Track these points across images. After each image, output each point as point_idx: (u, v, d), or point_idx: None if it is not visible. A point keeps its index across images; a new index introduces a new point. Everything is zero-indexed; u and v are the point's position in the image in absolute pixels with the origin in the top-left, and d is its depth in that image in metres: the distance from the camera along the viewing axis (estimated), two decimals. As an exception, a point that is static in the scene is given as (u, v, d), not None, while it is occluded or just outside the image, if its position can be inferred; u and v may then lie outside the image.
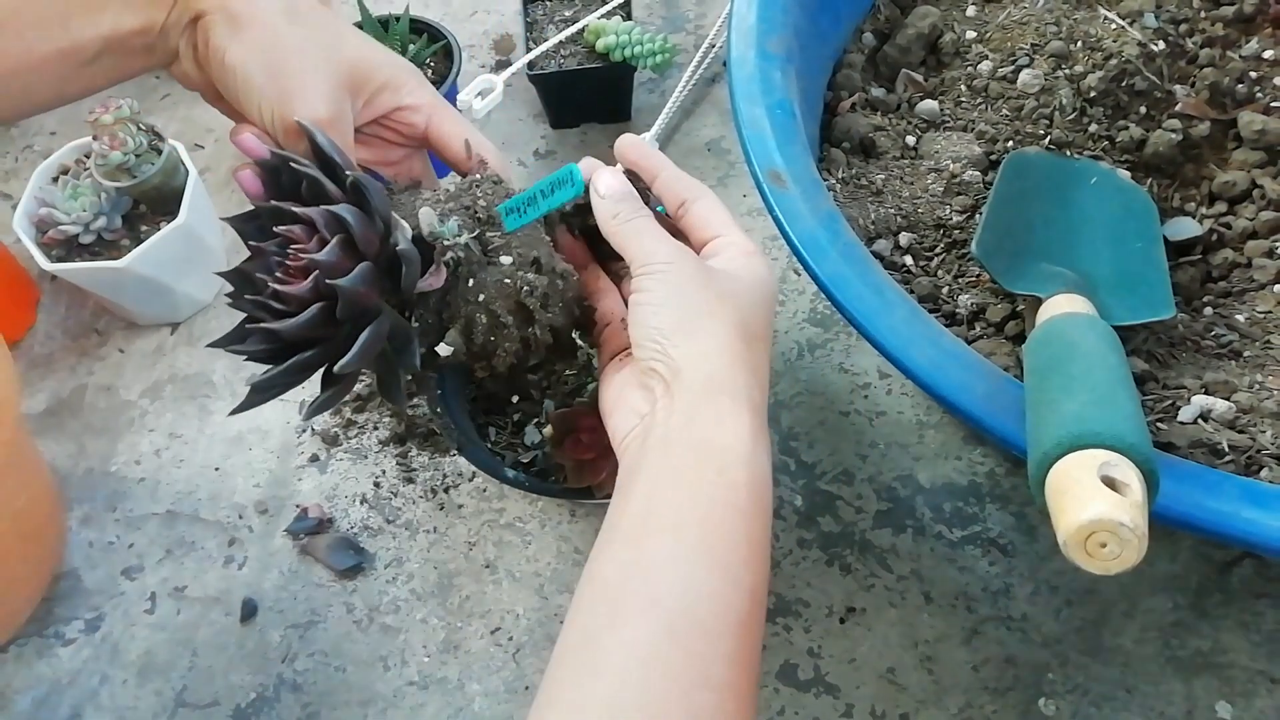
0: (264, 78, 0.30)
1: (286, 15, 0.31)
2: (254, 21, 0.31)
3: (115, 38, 0.31)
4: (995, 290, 0.43)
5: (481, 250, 0.31)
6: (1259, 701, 0.40)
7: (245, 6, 0.31)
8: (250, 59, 0.30)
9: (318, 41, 0.31)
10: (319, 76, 0.31)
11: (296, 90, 0.31)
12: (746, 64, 0.43)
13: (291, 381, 0.29)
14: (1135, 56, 0.47)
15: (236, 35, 0.30)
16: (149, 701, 0.43)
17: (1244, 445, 0.36)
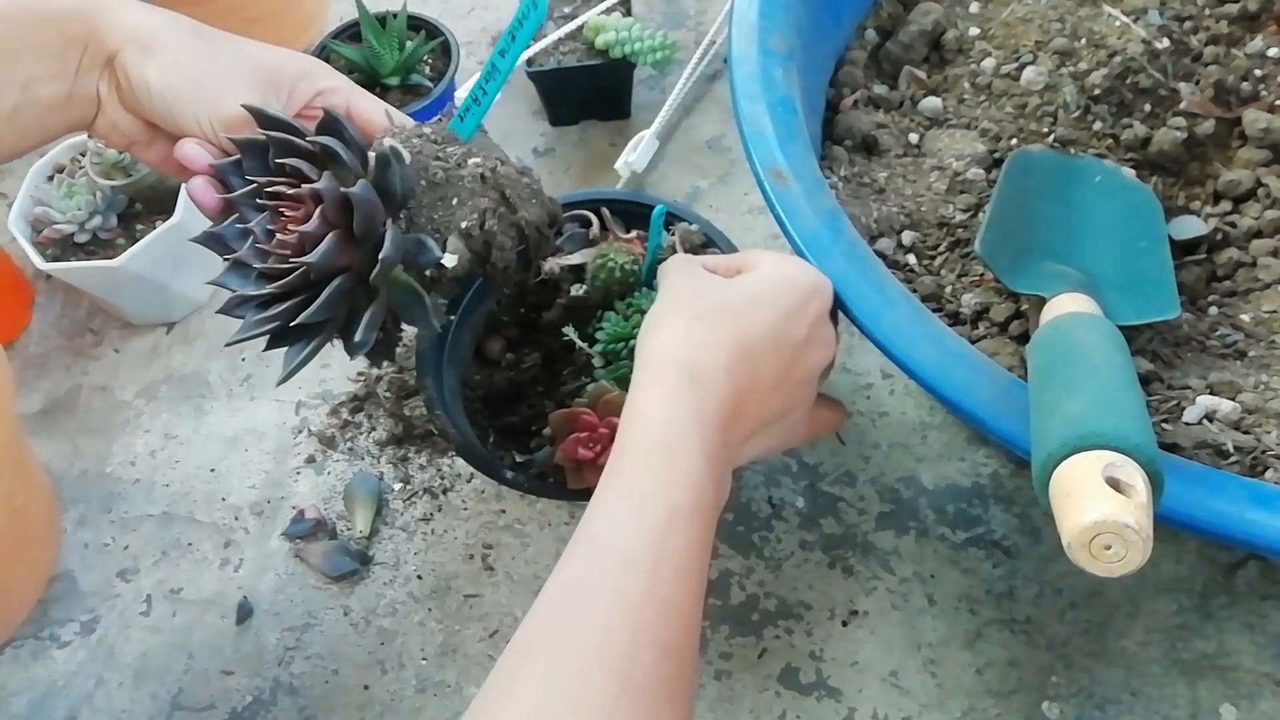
0: (191, 88, 0.32)
1: (193, 34, 0.33)
2: (167, 44, 0.32)
3: (30, 89, 0.31)
4: (999, 289, 0.43)
5: (445, 166, 0.32)
6: (1264, 704, 0.40)
7: (155, 34, 0.32)
8: (173, 75, 0.31)
9: (229, 49, 0.33)
10: (240, 74, 0.33)
11: (225, 89, 0.32)
12: (748, 61, 0.43)
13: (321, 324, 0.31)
14: (1139, 54, 0.47)
15: (154, 59, 0.31)
16: (144, 704, 0.43)
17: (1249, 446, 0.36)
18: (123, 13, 0.32)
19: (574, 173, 0.59)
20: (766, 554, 0.45)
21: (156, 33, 0.32)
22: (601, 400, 0.38)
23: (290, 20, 0.64)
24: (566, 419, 0.39)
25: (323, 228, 0.30)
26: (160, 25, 0.32)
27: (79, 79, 0.32)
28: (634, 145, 0.56)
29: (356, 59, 0.54)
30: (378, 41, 0.53)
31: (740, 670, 0.42)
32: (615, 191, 0.50)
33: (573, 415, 0.38)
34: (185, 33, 0.32)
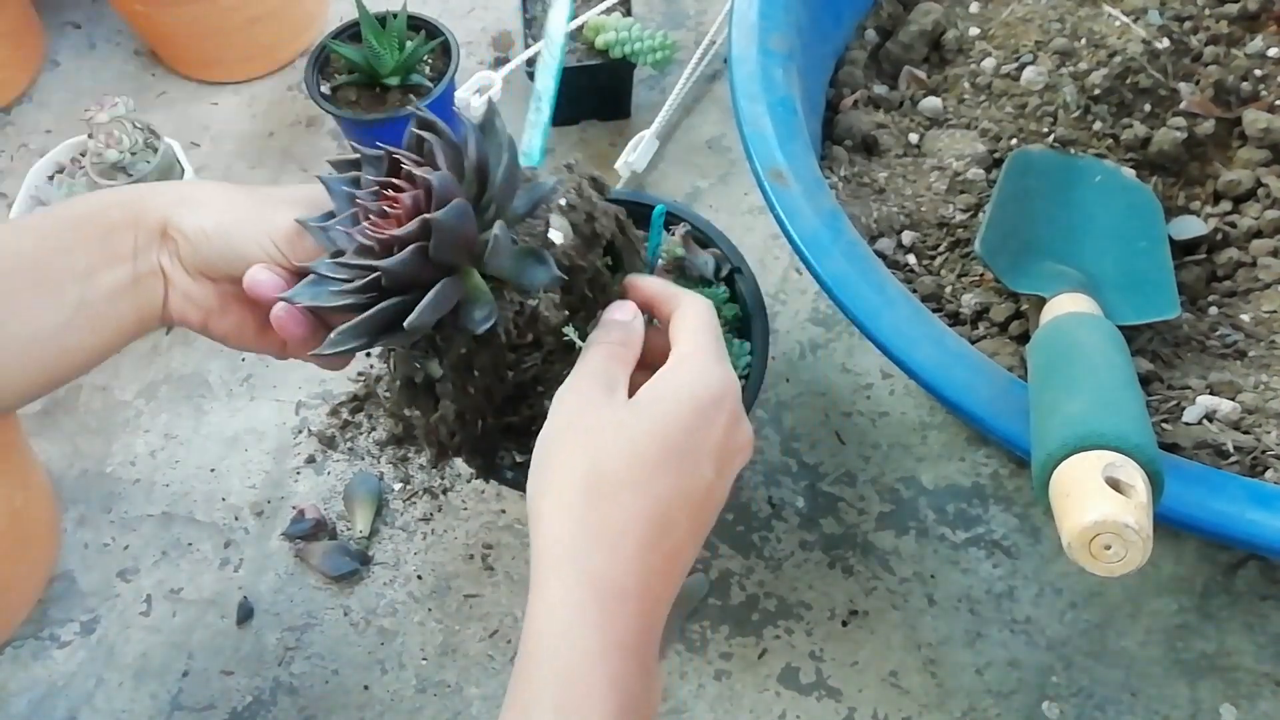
0: (244, 222, 0.32)
1: (229, 187, 0.34)
2: (211, 197, 0.33)
3: (92, 279, 0.31)
4: (999, 289, 0.43)
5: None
6: (1263, 704, 0.40)
7: (195, 193, 0.33)
8: (225, 216, 0.32)
9: (265, 190, 0.34)
10: (284, 201, 0.33)
11: (275, 212, 0.32)
12: (748, 61, 0.43)
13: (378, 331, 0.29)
14: (1139, 54, 0.47)
15: (204, 209, 0.32)
16: (144, 704, 0.43)
17: (1249, 446, 0.36)
18: (164, 188, 0.33)
19: (574, 173, 0.59)
20: (766, 554, 0.45)
21: (196, 192, 0.33)
22: None
23: (290, 20, 0.64)
24: None
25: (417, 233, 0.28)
26: (197, 186, 0.33)
27: (139, 260, 0.31)
28: (634, 145, 0.56)
29: (356, 59, 0.54)
30: (378, 41, 0.53)
31: (740, 670, 0.42)
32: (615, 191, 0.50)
33: None
34: (222, 187, 0.33)
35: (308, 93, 0.55)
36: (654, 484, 0.26)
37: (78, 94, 0.65)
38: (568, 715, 0.23)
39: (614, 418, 0.27)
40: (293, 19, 0.64)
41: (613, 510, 0.25)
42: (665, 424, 0.26)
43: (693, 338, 0.29)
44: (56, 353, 0.31)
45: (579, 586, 0.24)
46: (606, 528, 0.25)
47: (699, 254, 0.43)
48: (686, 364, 0.28)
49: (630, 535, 0.25)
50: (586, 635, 0.24)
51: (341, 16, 0.66)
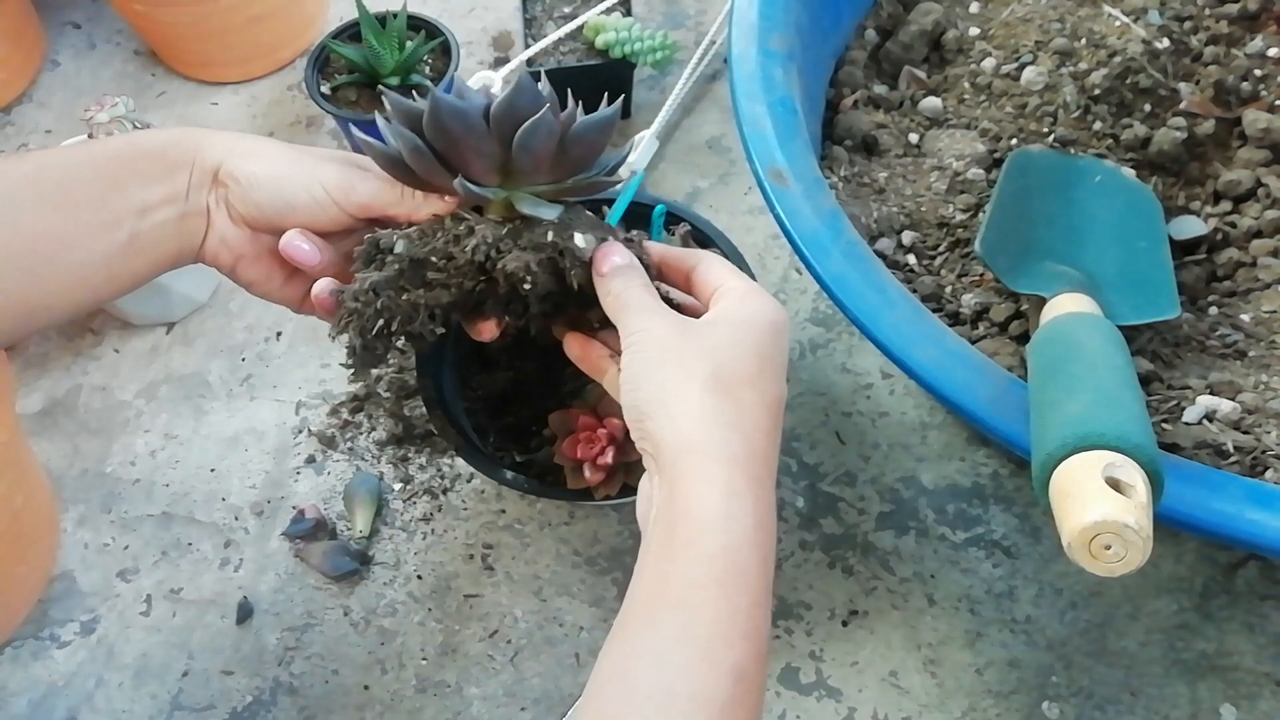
0: (294, 170, 0.33)
1: (277, 142, 0.35)
2: (263, 148, 0.34)
3: (146, 215, 0.32)
4: (999, 289, 0.43)
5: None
6: (1264, 704, 0.40)
7: (249, 145, 0.34)
8: (276, 166, 0.33)
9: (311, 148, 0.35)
10: (329, 157, 0.34)
11: (323, 165, 0.33)
12: (748, 61, 0.43)
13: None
14: (1139, 54, 0.47)
15: (257, 159, 0.33)
16: (145, 704, 0.43)
17: (1249, 446, 0.36)
18: (218, 135, 0.34)
19: (574, 173, 0.59)
20: (766, 554, 0.45)
21: (250, 144, 0.34)
22: (601, 400, 0.38)
23: (290, 20, 0.64)
24: (566, 419, 0.39)
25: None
26: (249, 138, 0.35)
27: (190, 199, 0.33)
28: (634, 145, 0.56)
29: (356, 59, 0.54)
30: (378, 42, 0.53)
31: (740, 670, 0.42)
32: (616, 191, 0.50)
33: (572, 415, 0.38)
34: (272, 141, 0.35)
35: (308, 93, 0.55)
36: (762, 383, 0.29)
37: (78, 94, 0.65)
38: (728, 588, 0.25)
39: (715, 333, 0.29)
40: (293, 19, 0.64)
41: (741, 404, 0.28)
42: (759, 336, 0.29)
43: (737, 278, 0.31)
44: (105, 279, 0.32)
45: (729, 471, 0.26)
46: (741, 419, 0.28)
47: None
48: (752, 294, 0.31)
49: (759, 426, 0.28)
50: (743, 515, 0.26)
51: (341, 17, 0.66)
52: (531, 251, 0.30)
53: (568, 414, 0.39)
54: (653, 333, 0.29)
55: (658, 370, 0.28)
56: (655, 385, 0.28)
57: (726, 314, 0.30)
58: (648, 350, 0.29)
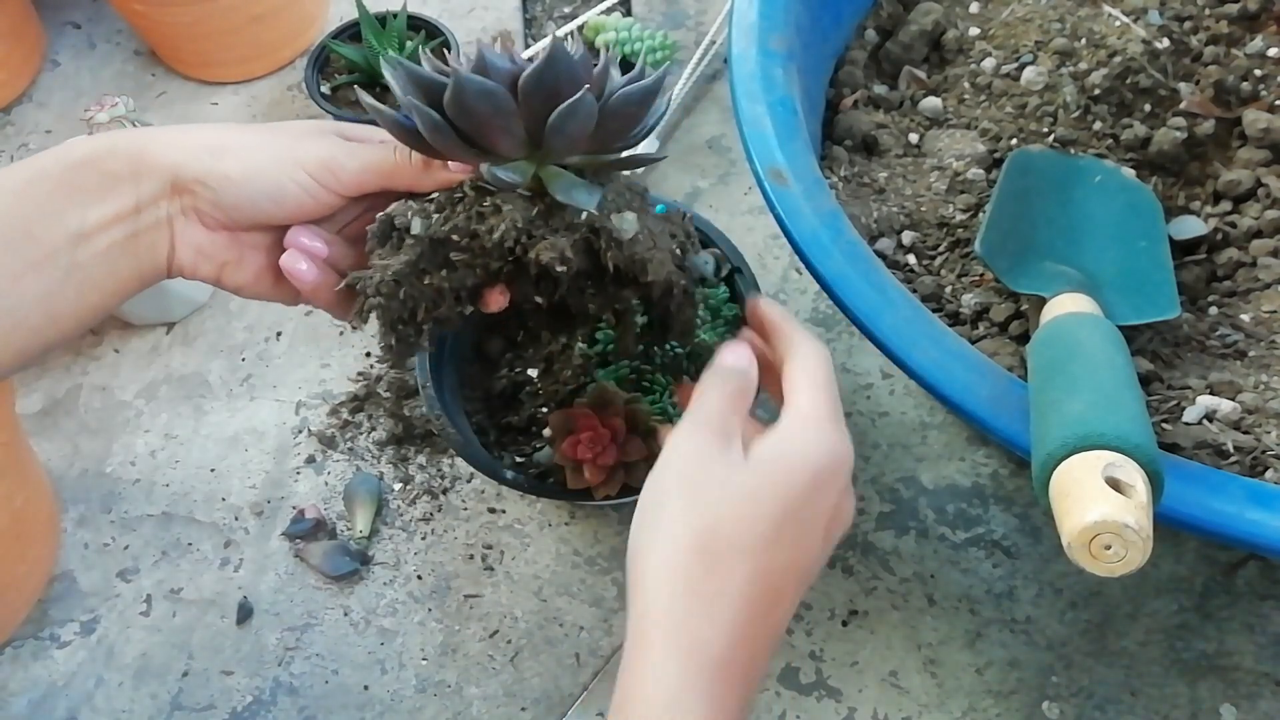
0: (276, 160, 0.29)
1: (245, 127, 0.31)
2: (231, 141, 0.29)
3: (83, 236, 0.28)
4: (999, 289, 0.43)
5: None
6: (1263, 704, 0.40)
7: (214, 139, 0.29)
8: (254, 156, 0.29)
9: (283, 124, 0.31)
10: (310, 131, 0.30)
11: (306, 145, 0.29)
12: (748, 61, 0.43)
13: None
14: (1139, 54, 0.47)
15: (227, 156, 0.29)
16: (144, 704, 0.43)
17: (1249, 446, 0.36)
18: (168, 134, 0.29)
19: (574, 173, 0.59)
20: (766, 554, 0.45)
21: (211, 137, 0.30)
22: (601, 401, 0.38)
23: (290, 20, 0.64)
24: (566, 419, 0.39)
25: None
26: (210, 130, 0.30)
27: (143, 215, 0.28)
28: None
29: (356, 59, 0.54)
30: (378, 41, 0.53)
31: (740, 670, 0.42)
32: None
33: (572, 415, 0.38)
34: (236, 129, 0.30)
35: (308, 93, 0.55)
36: (769, 553, 0.25)
37: (78, 94, 0.65)
38: (644, 646, 0.23)
39: (733, 477, 0.25)
40: (293, 19, 0.64)
41: (726, 577, 0.24)
42: (787, 489, 0.25)
43: (812, 394, 0.27)
44: (43, 320, 0.28)
45: (689, 658, 0.23)
46: (720, 596, 0.24)
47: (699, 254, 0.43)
48: (808, 426, 0.26)
49: (742, 607, 0.24)
50: (695, 710, 0.23)
51: (341, 17, 0.66)
52: (565, 234, 0.28)
53: (568, 414, 0.39)
54: (680, 451, 0.26)
55: (658, 506, 0.25)
56: (648, 528, 0.25)
57: (773, 450, 0.26)
58: (665, 473, 0.26)
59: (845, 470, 0.27)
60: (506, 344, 0.47)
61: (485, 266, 0.29)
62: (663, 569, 0.24)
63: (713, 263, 0.44)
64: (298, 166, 0.29)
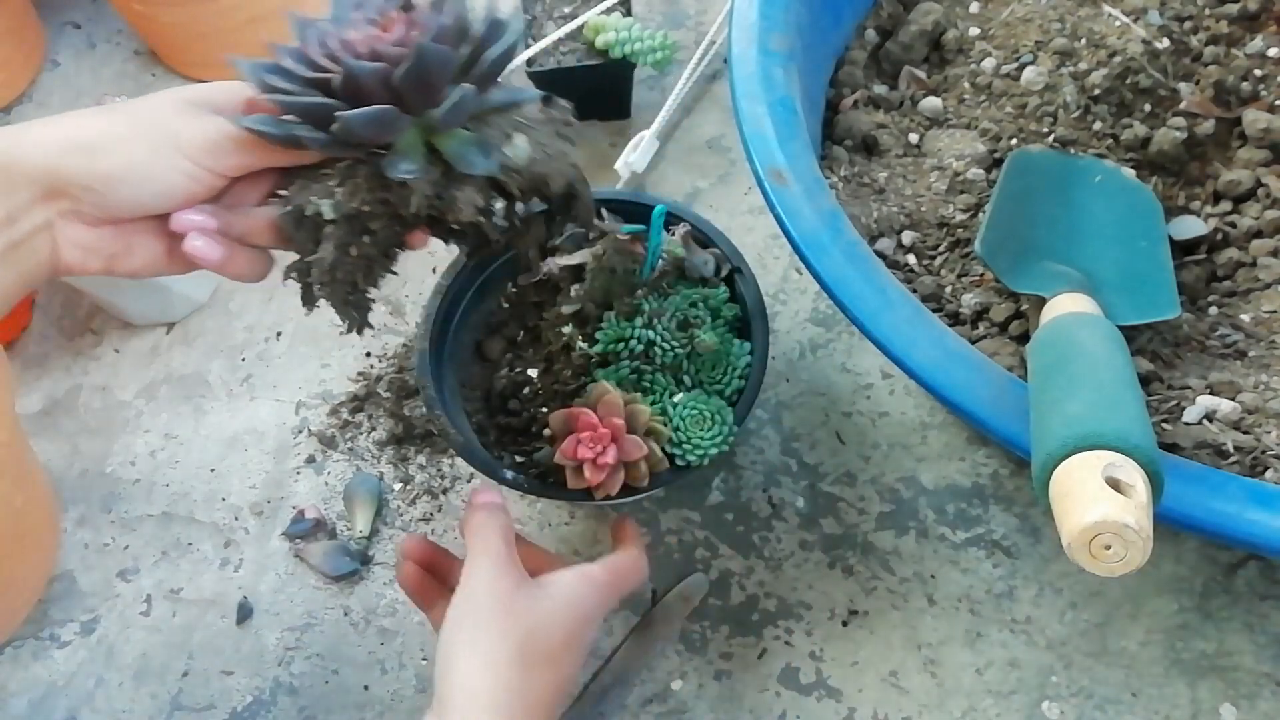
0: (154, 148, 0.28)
1: (110, 110, 0.29)
2: (101, 131, 0.28)
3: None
4: (999, 289, 0.43)
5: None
6: (1264, 704, 0.40)
7: (84, 132, 0.28)
8: (131, 148, 0.28)
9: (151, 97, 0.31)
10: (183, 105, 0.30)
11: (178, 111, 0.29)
12: (748, 61, 0.43)
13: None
14: (1139, 54, 0.47)
15: (102, 154, 0.28)
16: (144, 704, 0.43)
17: (1249, 446, 0.36)
18: (38, 133, 0.28)
19: (574, 173, 0.59)
20: (766, 554, 0.45)
21: (80, 131, 0.28)
22: (601, 401, 0.38)
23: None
24: (566, 419, 0.39)
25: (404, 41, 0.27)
26: (77, 123, 0.28)
27: (18, 224, 0.27)
28: (634, 145, 0.56)
29: (356, 59, 0.54)
30: (378, 41, 0.53)
31: (740, 670, 0.42)
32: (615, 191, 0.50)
33: (573, 415, 0.38)
34: (106, 116, 0.29)
35: (308, 93, 0.55)
36: (565, 661, 0.32)
37: (78, 94, 0.65)
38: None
39: (539, 602, 0.32)
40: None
41: (537, 679, 0.31)
42: (580, 612, 0.33)
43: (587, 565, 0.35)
44: None
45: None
46: (530, 692, 0.30)
47: (699, 254, 0.43)
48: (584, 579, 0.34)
49: (545, 703, 0.31)
50: None
51: (341, 16, 0.66)
52: (470, 185, 0.29)
53: (568, 414, 0.39)
54: (483, 578, 0.32)
55: (476, 618, 0.31)
56: (467, 632, 0.31)
57: (559, 587, 0.33)
58: (474, 599, 0.31)
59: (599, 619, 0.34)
60: (507, 344, 0.47)
61: (403, 221, 0.30)
62: (483, 668, 0.30)
63: (712, 263, 0.44)
64: (179, 155, 0.28)
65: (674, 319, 0.41)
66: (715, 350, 0.40)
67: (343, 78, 0.27)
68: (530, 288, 0.46)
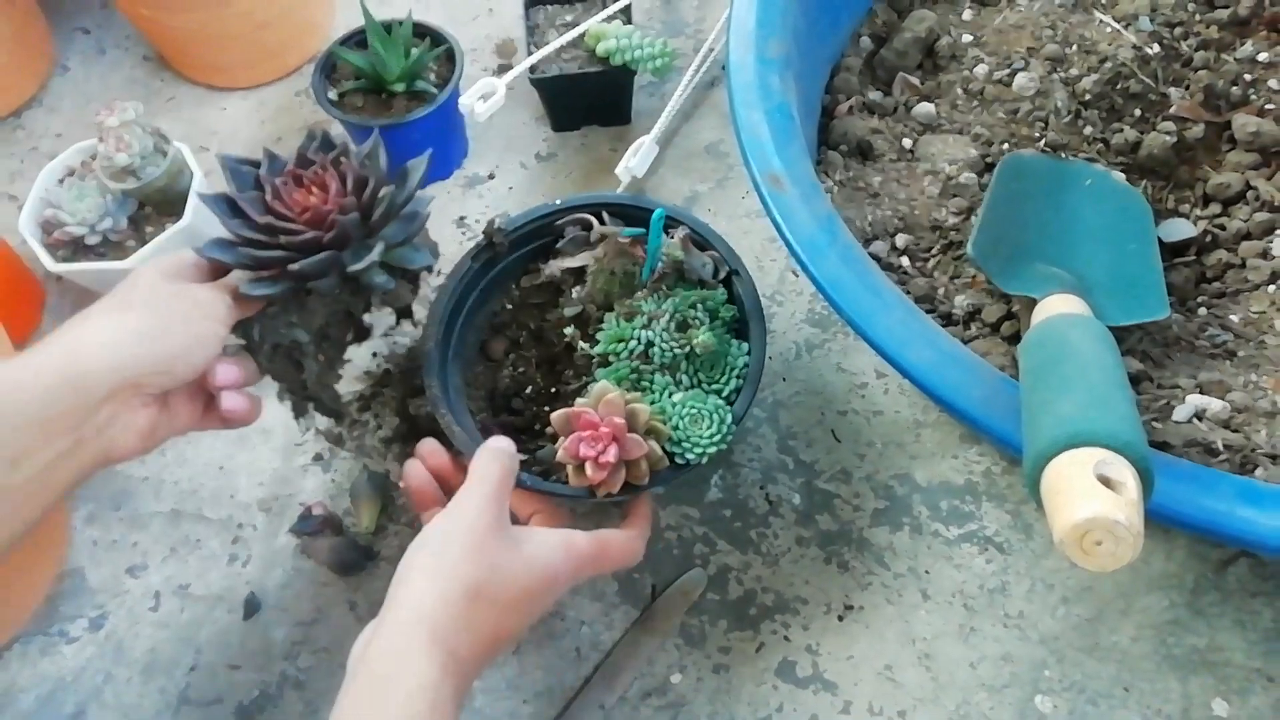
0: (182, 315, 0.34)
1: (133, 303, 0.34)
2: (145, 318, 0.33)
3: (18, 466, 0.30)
4: (991, 291, 0.43)
5: None
6: (1254, 699, 0.40)
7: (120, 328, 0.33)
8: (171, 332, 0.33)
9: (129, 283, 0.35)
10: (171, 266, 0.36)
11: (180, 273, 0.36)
12: (745, 68, 0.43)
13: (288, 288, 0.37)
14: (1130, 59, 0.47)
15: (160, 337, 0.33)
16: (153, 699, 0.44)
17: (1238, 444, 0.36)
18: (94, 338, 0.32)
19: (575, 177, 0.59)
20: (764, 549, 0.45)
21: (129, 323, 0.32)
22: (603, 400, 0.39)
23: (298, 27, 0.65)
24: (569, 418, 0.39)
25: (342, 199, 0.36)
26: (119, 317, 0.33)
27: (85, 426, 0.31)
28: (634, 150, 0.57)
29: (363, 65, 0.55)
30: (383, 49, 0.54)
31: (737, 664, 0.43)
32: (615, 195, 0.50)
33: (575, 415, 0.39)
34: (139, 303, 0.33)
35: (315, 98, 0.56)
36: (516, 612, 0.33)
37: (87, 99, 0.66)
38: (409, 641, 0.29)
39: (505, 552, 0.33)
40: (300, 26, 0.65)
41: (483, 619, 0.31)
42: (547, 573, 0.33)
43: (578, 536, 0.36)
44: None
45: (445, 666, 0.29)
46: (472, 630, 0.31)
47: (698, 256, 0.44)
48: (555, 543, 0.35)
49: (484, 643, 0.31)
50: (440, 707, 0.29)
51: (348, 24, 0.67)
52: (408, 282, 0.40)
53: (570, 413, 0.39)
54: (467, 515, 0.33)
55: (443, 548, 0.32)
56: (432, 554, 0.32)
57: (535, 547, 0.34)
58: (453, 523, 0.33)
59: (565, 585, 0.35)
60: (510, 344, 0.48)
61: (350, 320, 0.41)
62: (438, 596, 0.31)
63: (711, 265, 0.44)
64: (214, 321, 0.34)
65: (673, 320, 0.41)
66: (714, 351, 0.41)
67: (290, 241, 0.35)
68: (533, 289, 0.47)
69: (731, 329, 0.43)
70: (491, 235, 0.45)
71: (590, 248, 0.45)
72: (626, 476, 0.39)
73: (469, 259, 0.45)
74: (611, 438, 0.38)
